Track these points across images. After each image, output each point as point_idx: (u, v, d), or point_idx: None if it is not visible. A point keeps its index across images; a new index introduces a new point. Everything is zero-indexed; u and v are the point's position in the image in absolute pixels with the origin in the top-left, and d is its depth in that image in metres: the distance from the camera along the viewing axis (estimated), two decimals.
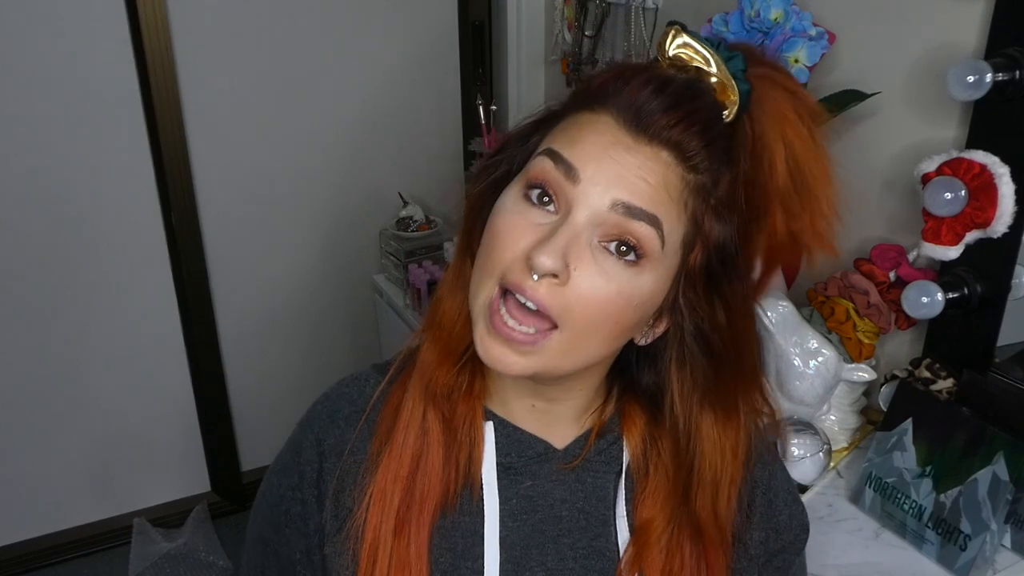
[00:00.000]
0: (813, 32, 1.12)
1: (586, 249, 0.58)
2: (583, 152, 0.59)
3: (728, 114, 0.62)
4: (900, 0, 1.15)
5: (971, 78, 0.96)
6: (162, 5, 1.83)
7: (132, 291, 2.07)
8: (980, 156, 1.01)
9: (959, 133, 1.10)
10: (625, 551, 0.69)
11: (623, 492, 0.70)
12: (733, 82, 0.61)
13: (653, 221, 0.58)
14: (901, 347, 1.24)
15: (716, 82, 0.61)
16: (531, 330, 0.59)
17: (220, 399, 2.25)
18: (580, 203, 0.58)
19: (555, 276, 0.57)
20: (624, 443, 0.71)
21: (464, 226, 0.69)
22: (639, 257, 0.59)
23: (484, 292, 0.61)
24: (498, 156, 0.67)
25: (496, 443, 0.69)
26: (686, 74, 0.62)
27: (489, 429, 0.69)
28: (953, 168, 1.02)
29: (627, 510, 0.70)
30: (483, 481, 0.69)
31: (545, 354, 0.60)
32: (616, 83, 0.61)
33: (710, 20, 1.17)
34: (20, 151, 1.84)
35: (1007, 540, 0.98)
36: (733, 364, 0.65)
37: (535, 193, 0.60)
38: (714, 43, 0.62)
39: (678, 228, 0.60)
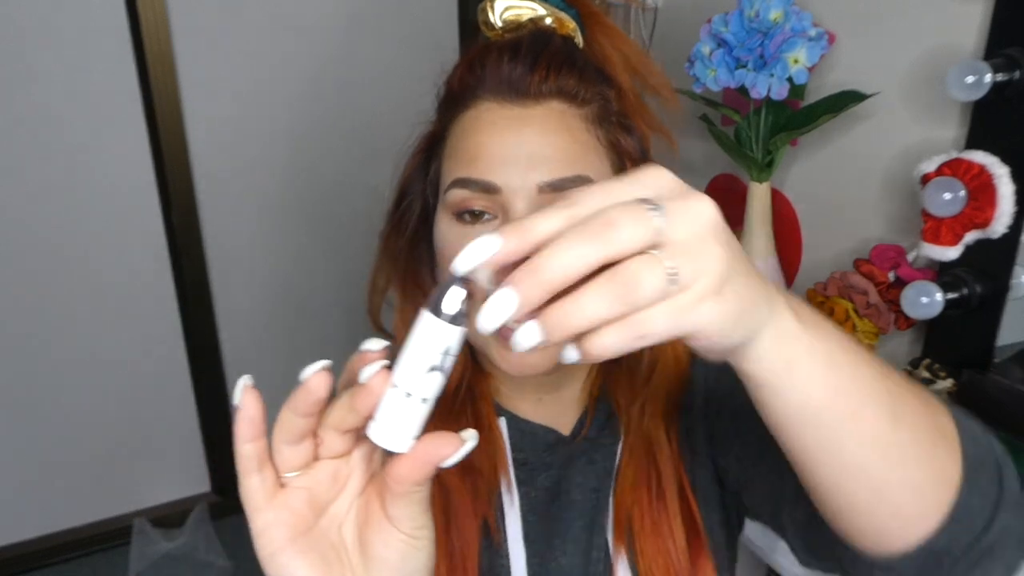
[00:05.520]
0: (813, 32, 1.12)
1: None
2: (487, 161, 0.60)
3: (578, 41, 0.66)
4: (900, 0, 1.15)
5: (970, 78, 0.96)
6: (162, 5, 1.83)
7: (132, 291, 2.07)
8: (979, 156, 1.01)
9: (959, 133, 1.10)
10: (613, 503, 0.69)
11: (619, 460, 0.70)
12: (563, 13, 0.65)
13: (581, 180, 0.60)
14: (901, 347, 1.24)
15: (551, 21, 0.65)
16: None
17: (220, 399, 2.25)
18: (512, 201, 0.60)
19: None
20: (618, 414, 0.71)
21: (402, 276, 0.69)
22: None
23: None
24: (405, 201, 0.70)
25: (509, 439, 0.69)
26: (525, 30, 0.65)
27: (502, 425, 0.69)
28: (953, 168, 1.02)
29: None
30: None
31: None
32: (474, 72, 0.63)
33: (710, 20, 1.16)
34: (19, 151, 1.84)
35: None
36: None
37: (467, 216, 0.62)
38: None
39: (604, 164, 0.63)
